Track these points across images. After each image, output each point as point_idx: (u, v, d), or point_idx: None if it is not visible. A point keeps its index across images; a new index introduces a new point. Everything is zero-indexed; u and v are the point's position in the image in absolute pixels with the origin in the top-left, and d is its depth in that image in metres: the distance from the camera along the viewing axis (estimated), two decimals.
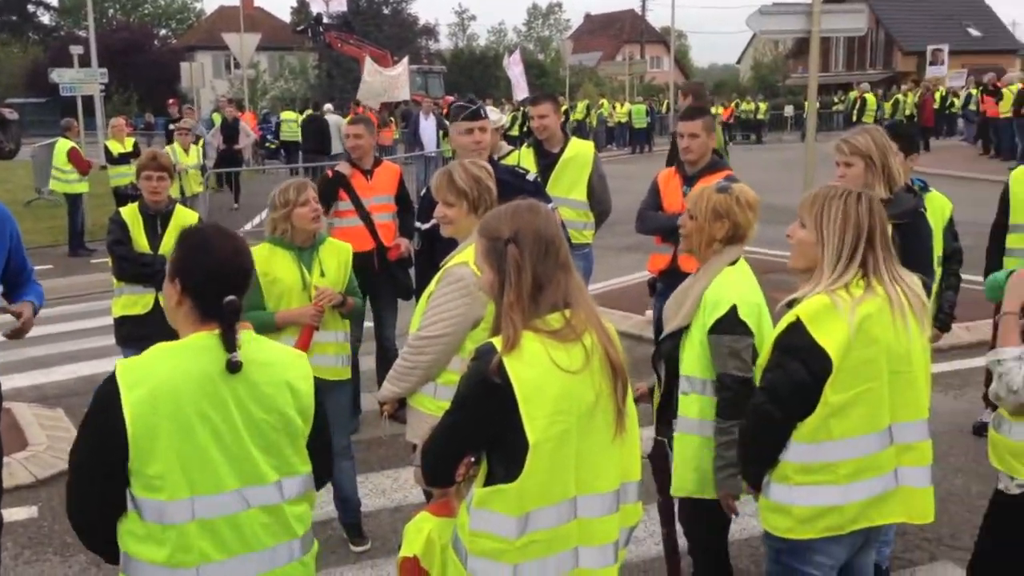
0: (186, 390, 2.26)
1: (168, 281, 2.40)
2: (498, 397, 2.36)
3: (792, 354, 2.78)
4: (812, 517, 2.84)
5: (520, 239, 2.45)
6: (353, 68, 31.43)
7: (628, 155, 32.31)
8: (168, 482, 2.22)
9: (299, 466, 2.45)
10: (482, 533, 2.45)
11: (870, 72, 46.39)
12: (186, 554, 2.26)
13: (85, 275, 12.57)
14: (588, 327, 2.47)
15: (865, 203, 2.87)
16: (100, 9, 55.01)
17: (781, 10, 9.22)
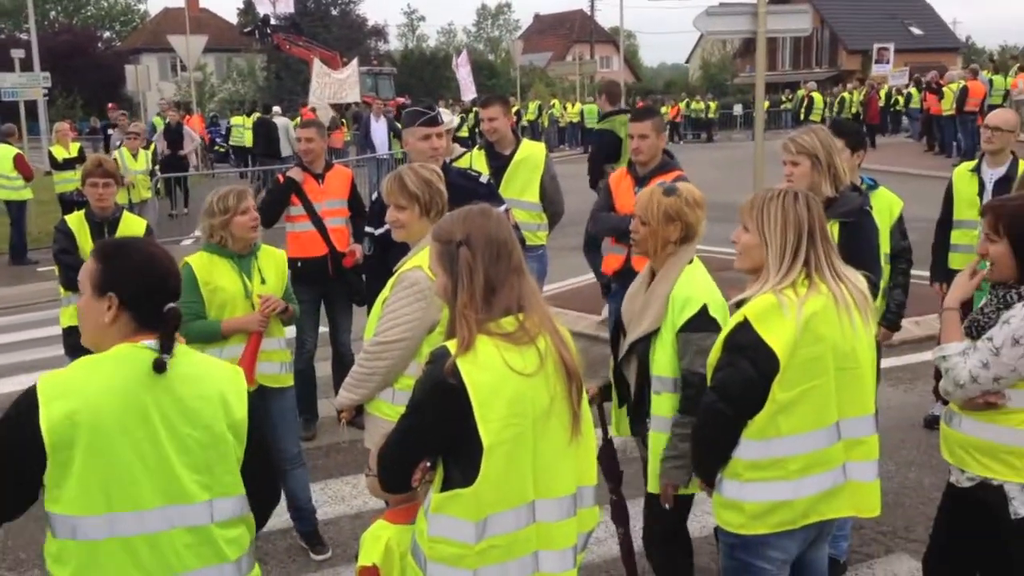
0: (108, 404, 2.17)
1: (94, 298, 2.28)
2: (453, 400, 2.37)
3: (740, 353, 2.84)
4: (763, 512, 2.89)
5: (472, 242, 2.47)
6: (302, 70, 31.20)
7: (580, 155, 32.41)
8: (84, 497, 2.14)
9: (232, 487, 2.33)
10: (440, 539, 2.46)
11: (816, 71, 47.15)
12: (98, 573, 2.17)
13: (33, 284, 12.33)
14: (542, 330, 2.49)
15: (803, 202, 2.94)
16: (41, 11, 53.87)
17: (727, 11, 9.34)
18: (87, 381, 2.20)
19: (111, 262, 2.31)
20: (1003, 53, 41.90)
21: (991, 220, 3.03)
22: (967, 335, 3.06)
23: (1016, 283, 3.00)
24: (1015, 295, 2.98)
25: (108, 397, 2.18)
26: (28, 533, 5.18)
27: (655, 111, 5.89)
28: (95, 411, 2.15)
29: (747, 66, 48.99)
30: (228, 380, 2.39)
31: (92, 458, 2.14)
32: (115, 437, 2.16)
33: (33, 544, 5.05)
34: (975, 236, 5.71)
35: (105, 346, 2.28)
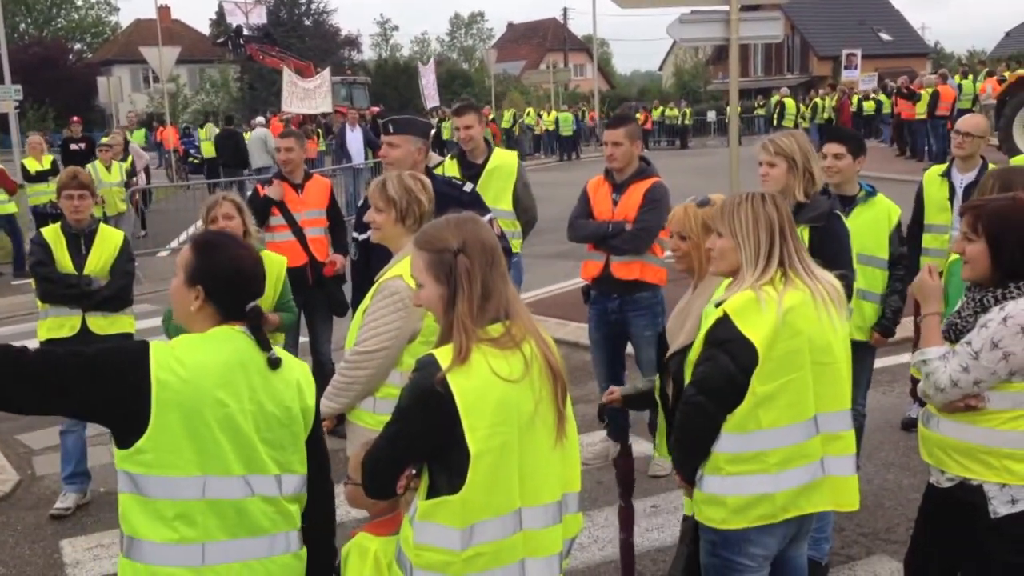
0: (210, 376, 2.36)
1: (186, 286, 2.47)
2: (439, 407, 2.37)
3: (720, 347, 2.89)
4: (745, 507, 2.93)
5: (469, 249, 2.47)
6: (276, 80, 31.11)
7: (556, 163, 32.54)
8: (181, 459, 2.31)
9: (296, 466, 2.53)
10: (427, 546, 2.46)
11: (788, 77, 47.57)
12: (192, 530, 2.34)
13: (5, 297, 12.21)
14: (527, 335, 2.50)
15: (771, 202, 3.02)
16: (11, 23, 53.39)
17: (700, 18, 9.40)
18: (193, 355, 2.37)
19: (203, 257, 2.49)
20: (971, 57, 42.45)
21: (970, 219, 3.07)
22: (945, 339, 3.10)
23: (992, 285, 3.04)
24: (991, 298, 3.02)
25: (211, 371, 2.37)
26: (8, 547, 5.13)
27: (629, 118, 5.92)
28: (199, 382, 2.34)
29: (720, 73, 49.34)
30: (301, 370, 2.60)
31: (192, 424, 2.32)
32: (213, 407, 2.35)
33: (14, 559, 5.00)
34: (945, 240, 5.77)
35: (193, 328, 2.49)
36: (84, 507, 5.62)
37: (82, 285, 5.37)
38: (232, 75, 50.53)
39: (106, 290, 5.44)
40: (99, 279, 5.45)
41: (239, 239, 2.68)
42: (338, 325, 6.09)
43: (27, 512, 5.62)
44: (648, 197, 5.42)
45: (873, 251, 4.88)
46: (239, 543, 2.42)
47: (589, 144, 36.07)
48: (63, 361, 2.31)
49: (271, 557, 2.48)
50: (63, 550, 5.10)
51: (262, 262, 2.60)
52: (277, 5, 51.07)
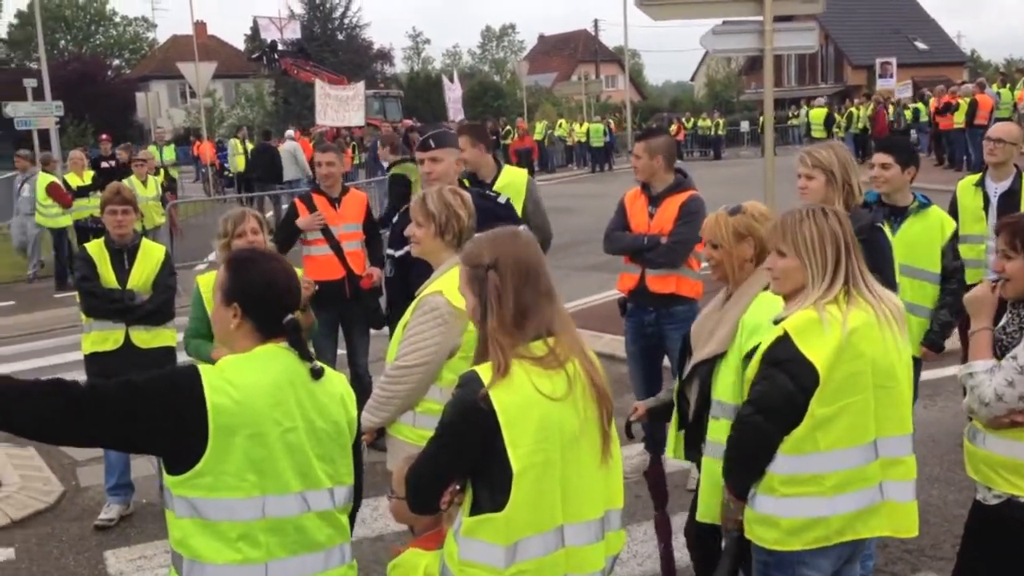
0: (263, 397, 2.38)
1: (223, 305, 2.49)
2: (482, 424, 2.38)
3: (780, 367, 2.84)
4: (799, 528, 2.89)
5: (500, 266, 2.49)
6: (309, 94, 31.40)
7: (588, 174, 32.54)
8: (241, 481, 2.33)
9: (345, 477, 2.57)
10: (472, 563, 2.47)
11: (822, 86, 47.19)
12: (256, 550, 2.37)
13: (49, 310, 12.41)
14: (572, 354, 2.50)
15: (833, 216, 2.96)
16: (51, 40, 54.38)
17: (734, 29, 9.37)
18: (244, 376, 2.38)
19: (236, 274, 2.50)
20: (1009, 66, 41.88)
21: (1007, 237, 3.04)
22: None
23: None
24: None
25: (263, 390, 2.38)
26: (52, 559, 5.21)
27: (654, 133, 5.83)
28: (253, 403, 2.36)
29: (752, 83, 49.09)
30: (343, 383, 2.64)
31: (250, 445, 2.34)
32: (269, 427, 2.37)
33: (58, 570, 5.08)
34: (981, 251, 5.70)
35: (237, 348, 2.50)
36: (127, 519, 5.69)
37: (125, 300, 5.45)
38: (267, 89, 51.01)
39: (149, 304, 5.52)
40: (142, 294, 5.52)
41: (271, 253, 2.69)
42: (377, 338, 6.13)
43: (71, 523, 5.70)
44: (684, 210, 5.40)
45: (924, 264, 4.82)
46: (299, 559, 2.45)
47: (621, 155, 36.04)
48: (116, 397, 2.31)
49: (327, 570, 2.52)
50: (107, 561, 5.17)
51: (295, 274, 2.62)
52: (311, 20, 51.56)
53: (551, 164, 34.66)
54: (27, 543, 5.43)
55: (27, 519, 5.73)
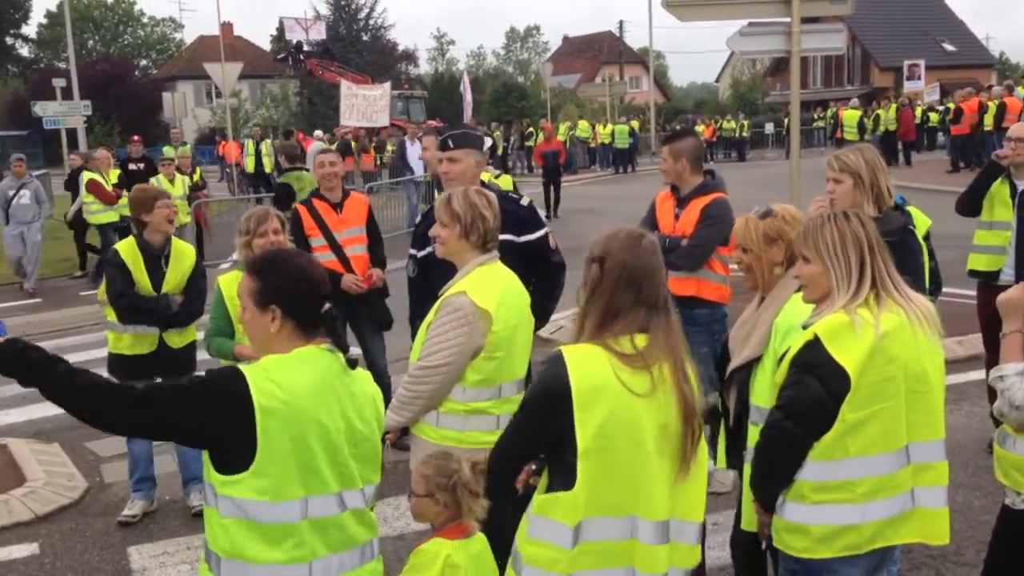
0: (308, 399, 2.40)
1: (260, 312, 2.47)
2: (558, 401, 2.44)
3: (809, 371, 2.80)
4: (830, 536, 2.84)
5: (605, 264, 2.52)
6: (334, 95, 31.55)
7: (611, 175, 32.48)
8: (287, 483, 2.36)
9: (374, 475, 2.62)
10: (537, 540, 2.52)
11: (848, 88, 46.82)
12: (300, 550, 2.40)
13: (75, 307, 12.52)
14: (662, 360, 2.50)
15: (855, 219, 2.92)
16: (79, 41, 54.91)
17: (760, 30, 9.32)
18: (288, 377, 2.40)
19: (267, 278, 2.49)
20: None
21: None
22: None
23: None
24: None
25: (307, 392, 2.40)
26: (76, 554, 5.26)
27: (683, 134, 5.82)
28: (298, 404, 2.38)
29: (778, 84, 48.80)
30: (372, 383, 2.67)
31: (296, 446, 2.36)
32: (313, 428, 2.40)
33: (82, 565, 5.12)
34: (1007, 237, 5.80)
35: (277, 350, 2.48)
36: (151, 515, 5.72)
37: (160, 307, 5.42)
38: (292, 90, 51.30)
39: (183, 311, 5.52)
40: (175, 297, 5.51)
41: (293, 250, 2.73)
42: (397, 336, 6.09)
43: (96, 519, 5.74)
44: (705, 213, 5.35)
45: None
46: (339, 557, 2.49)
47: (644, 156, 35.93)
48: (166, 396, 2.36)
49: (363, 566, 2.56)
50: (131, 557, 5.20)
51: (320, 265, 2.64)
52: (336, 21, 51.83)
53: (574, 165, 34.63)
54: (51, 538, 5.47)
55: (51, 514, 5.77)
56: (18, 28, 63.24)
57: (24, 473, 6.30)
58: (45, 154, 38.73)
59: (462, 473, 3.06)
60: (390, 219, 18.08)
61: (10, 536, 5.46)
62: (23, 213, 13.36)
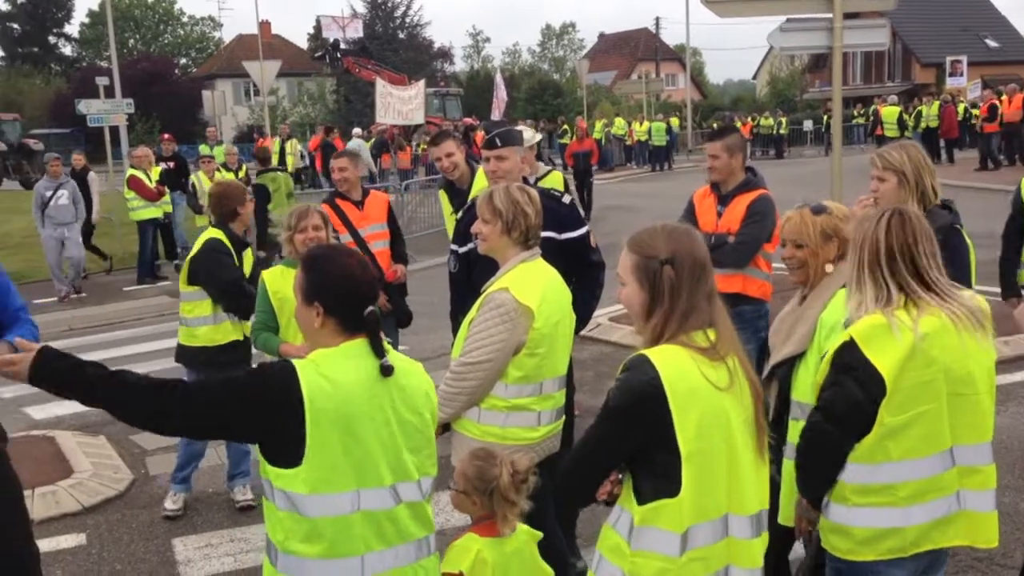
0: (358, 393, 2.44)
1: (305, 305, 2.52)
2: (651, 407, 2.34)
3: (847, 373, 2.78)
4: (872, 539, 2.83)
5: (677, 262, 2.43)
6: (370, 92, 31.70)
7: (648, 173, 32.35)
8: (339, 475, 2.39)
9: (430, 468, 2.62)
10: (646, 552, 2.40)
11: (889, 85, 46.25)
12: (351, 544, 2.42)
13: (120, 303, 12.71)
14: (731, 350, 2.47)
15: (896, 218, 2.87)
16: (121, 40, 55.67)
17: (802, 26, 9.23)
18: (338, 371, 2.43)
19: (312, 274, 2.54)
20: None
21: None
22: None
23: None
24: None
25: (357, 387, 2.44)
26: (123, 544, 5.35)
27: (729, 130, 5.82)
28: (349, 400, 2.41)
29: (817, 81, 48.28)
30: (424, 376, 2.68)
31: (347, 440, 2.40)
32: (364, 422, 2.43)
33: (128, 556, 5.21)
34: None
35: (322, 343, 2.52)
36: (194, 507, 5.81)
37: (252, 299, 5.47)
38: (329, 88, 51.64)
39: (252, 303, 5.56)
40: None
41: (343, 248, 2.72)
42: (428, 332, 6.14)
43: (141, 511, 5.83)
44: (751, 210, 5.34)
45: None
46: (394, 551, 2.50)
47: (680, 154, 35.76)
48: (218, 393, 2.42)
49: (419, 561, 2.57)
50: (175, 548, 5.28)
51: (369, 265, 2.65)
52: (373, 19, 52.02)
53: (609, 163, 34.53)
54: (98, 529, 5.57)
55: (98, 506, 5.88)
56: (61, 27, 64.34)
57: (71, 465, 6.41)
58: (88, 152, 39.33)
59: (501, 480, 3.06)
60: (425, 217, 18.14)
61: (58, 526, 5.57)
62: (62, 214, 12.85)
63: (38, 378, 2.47)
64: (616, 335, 8.97)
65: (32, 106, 51.97)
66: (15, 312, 3.76)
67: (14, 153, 37.36)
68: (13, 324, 3.71)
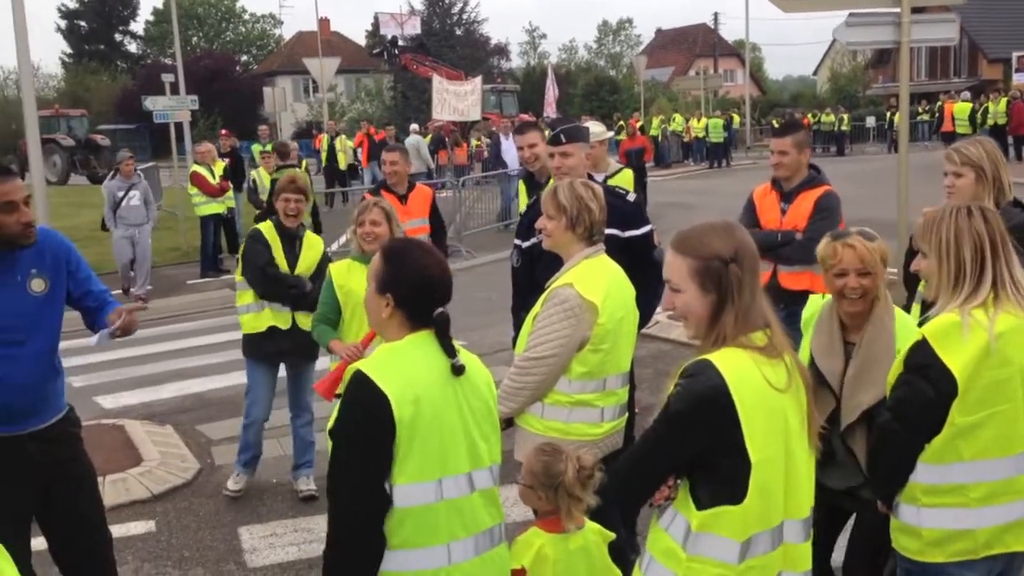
0: (433, 384, 2.49)
1: (377, 295, 2.58)
2: (717, 414, 2.28)
3: (918, 372, 2.75)
4: (942, 540, 2.79)
5: (741, 259, 2.36)
6: (427, 88, 31.91)
7: (706, 170, 32.07)
8: (424, 466, 2.45)
9: (497, 454, 2.68)
10: (703, 559, 2.35)
11: (954, 80, 45.21)
12: (437, 533, 2.48)
13: (184, 296, 12.96)
14: (785, 346, 2.42)
15: (978, 214, 2.81)
16: (184, 37, 56.72)
17: (869, 20, 9.06)
18: (409, 367, 2.49)
19: (391, 266, 2.58)
20: None
21: None
22: None
23: None
24: None
25: (431, 379, 2.50)
26: (190, 532, 5.47)
27: (796, 126, 5.78)
28: (426, 392, 2.47)
29: (880, 77, 47.38)
30: (482, 366, 2.74)
31: (429, 432, 2.45)
32: (442, 412, 2.49)
33: (195, 543, 5.33)
34: None
35: (388, 335, 2.61)
36: (259, 496, 5.91)
37: (300, 287, 5.59)
38: (386, 84, 52.04)
39: (314, 294, 5.64)
40: (307, 281, 5.65)
41: (426, 246, 2.72)
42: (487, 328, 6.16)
43: (208, 499, 5.95)
44: (819, 205, 5.29)
45: None
46: (473, 539, 2.54)
47: (739, 151, 35.37)
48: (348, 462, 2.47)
49: (492, 548, 2.61)
50: (241, 537, 5.38)
51: (448, 268, 2.67)
52: (430, 16, 52.32)
53: (667, 159, 34.31)
54: (166, 516, 5.70)
55: (166, 493, 6.01)
56: (126, 25, 65.71)
57: (140, 453, 6.56)
58: (152, 147, 40.14)
59: (567, 477, 3.06)
60: (482, 213, 18.21)
61: (128, 513, 5.70)
62: (134, 215, 12.48)
63: None
64: (674, 332, 8.91)
65: (99, 102, 53.15)
66: (99, 295, 3.86)
67: (81, 149, 38.26)
68: (103, 306, 3.84)
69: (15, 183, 3.49)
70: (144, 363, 9.17)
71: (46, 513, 3.73)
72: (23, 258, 3.55)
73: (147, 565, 5.10)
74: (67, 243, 3.81)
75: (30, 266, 3.58)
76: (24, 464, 3.58)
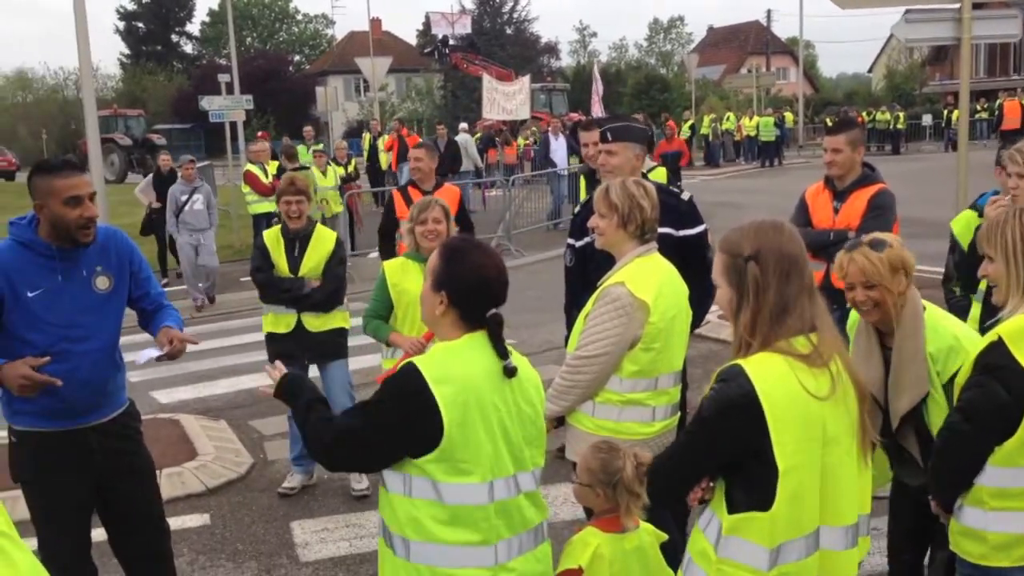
0: (482, 385, 2.50)
1: (432, 291, 2.60)
2: (747, 420, 2.29)
3: (992, 374, 2.70)
4: (1008, 544, 2.75)
5: (761, 258, 2.37)
6: (476, 87, 32.00)
7: (757, 169, 31.73)
8: (476, 466, 2.47)
9: (540, 459, 2.69)
10: (731, 562, 2.37)
11: (1015, 78, 44.20)
12: (489, 533, 2.51)
13: (236, 293, 13.14)
14: (834, 352, 2.39)
15: None
16: (239, 38, 57.58)
17: (929, 17, 8.89)
18: (461, 367, 2.50)
19: (448, 264, 2.59)
20: None
21: None
22: None
23: None
24: None
25: (481, 380, 2.51)
26: (244, 526, 5.56)
27: (850, 123, 5.67)
28: (477, 393, 2.48)
29: (937, 74, 46.48)
30: (531, 368, 2.73)
31: (479, 432, 2.47)
32: (491, 412, 2.51)
33: (249, 537, 5.41)
34: None
35: (440, 332, 2.63)
36: (311, 492, 5.98)
37: (295, 290, 5.68)
38: (436, 83, 52.29)
39: (318, 294, 5.71)
40: (312, 281, 5.71)
41: (484, 246, 2.73)
42: (537, 327, 6.12)
43: (260, 494, 6.04)
44: (873, 203, 5.20)
45: None
46: (519, 538, 2.57)
47: (791, 149, 34.93)
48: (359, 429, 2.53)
49: (537, 547, 2.63)
50: (293, 531, 5.45)
51: (504, 270, 2.67)
52: (481, 15, 52.51)
53: (717, 159, 34.01)
54: (221, 510, 5.79)
55: (220, 487, 6.11)
56: (183, 26, 66.87)
57: (195, 447, 6.68)
58: (207, 146, 40.82)
59: (625, 472, 3.06)
60: (530, 212, 18.21)
61: (184, 506, 5.81)
62: (197, 220, 12.12)
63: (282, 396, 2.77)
64: (724, 333, 8.84)
65: (155, 102, 54.18)
66: (156, 297, 3.92)
67: (138, 148, 39.03)
68: (158, 311, 3.90)
69: (82, 178, 3.56)
70: (198, 359, 9.29)
71: (107, 506, 3.81)
72: (88, 255, 3.62)
73: (202, 557, 5.18)
74: (131, 243, 3.88)
75: (95, 263, 3.64)
76: (86, 457, 3.65)
